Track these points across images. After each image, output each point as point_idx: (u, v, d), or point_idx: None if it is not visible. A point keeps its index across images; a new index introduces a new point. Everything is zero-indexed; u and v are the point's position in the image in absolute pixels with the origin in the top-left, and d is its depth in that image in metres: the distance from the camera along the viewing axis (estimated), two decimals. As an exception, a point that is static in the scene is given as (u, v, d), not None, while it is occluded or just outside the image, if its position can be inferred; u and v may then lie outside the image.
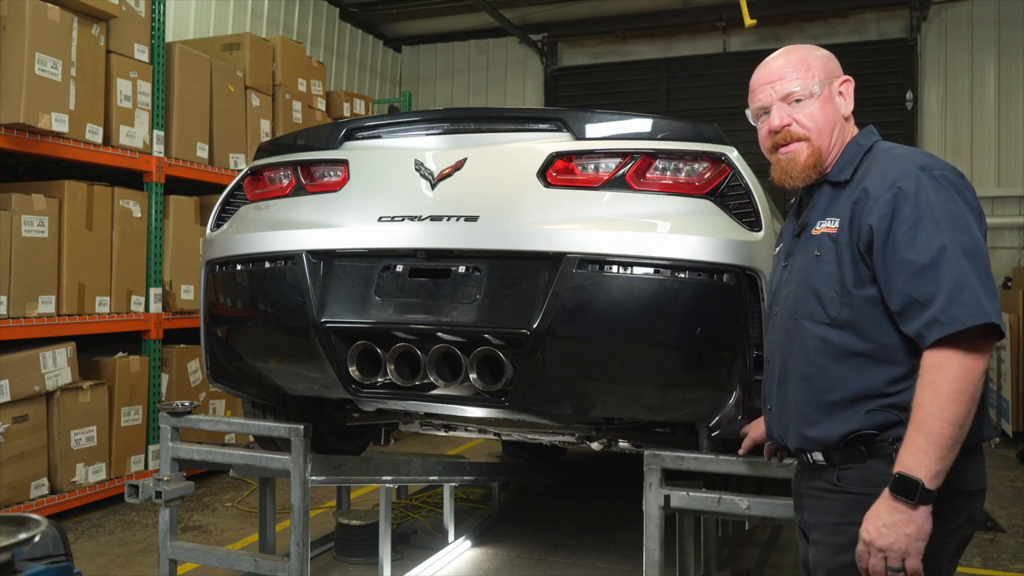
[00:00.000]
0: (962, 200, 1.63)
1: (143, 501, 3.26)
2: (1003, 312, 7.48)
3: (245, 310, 3.05)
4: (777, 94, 1.87)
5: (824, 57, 1.91)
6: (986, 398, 1.67)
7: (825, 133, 1.85)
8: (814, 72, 1.86)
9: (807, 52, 1.91)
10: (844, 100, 1.89)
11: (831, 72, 1.89)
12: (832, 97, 1.87)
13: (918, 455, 1.52)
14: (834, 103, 1.87)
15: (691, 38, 9.67)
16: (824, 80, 1.87)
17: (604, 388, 2.73)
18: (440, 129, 3.00)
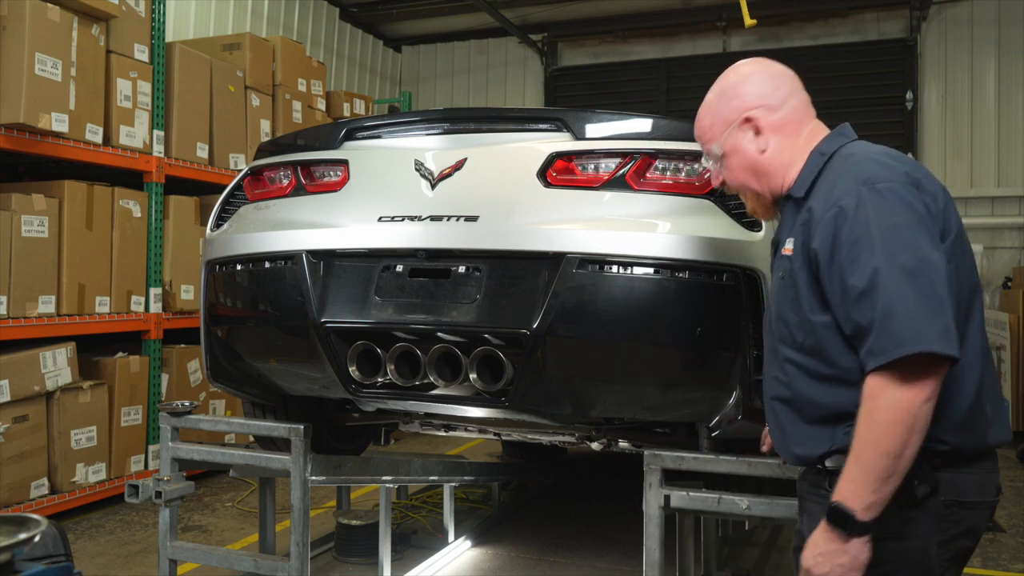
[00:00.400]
0: (908, 212, 1.53)
1: (143, 501, 3.26)
2: (1003, 312, 7.52)
3: (245, 310, 3.06)
4: (704, 154, 1.92)
5: (718, 104, 1.85)
6: (991, 400, 1.66)
7: (749, 180, 1.84)
8: (715, 130, 1.85)
9: (709, 106, 1.87)
10: (756, 135, 1.80)
11: (728, 119, 1.82)
12: (739, 143, 1.82)
13: (852, 485, 1.50)
14: (742, 149, 1.82)
15: (691, 38, 9.67)
16: (724, 136, 1.83)
17: (604, 388, 2.73)
18: (440, 129, 3.00)
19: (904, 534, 1.56)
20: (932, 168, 8.73)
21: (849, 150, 1.73)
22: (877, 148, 1.72)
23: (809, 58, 9.14)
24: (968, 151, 8.71)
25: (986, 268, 8.50)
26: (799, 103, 1.85)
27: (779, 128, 1.80)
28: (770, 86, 1.82)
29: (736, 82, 1.85)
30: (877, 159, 1.64)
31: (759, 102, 1.80)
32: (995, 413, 1.65)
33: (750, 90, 1.82)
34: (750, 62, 1.89)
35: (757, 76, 1.84)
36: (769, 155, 1.80)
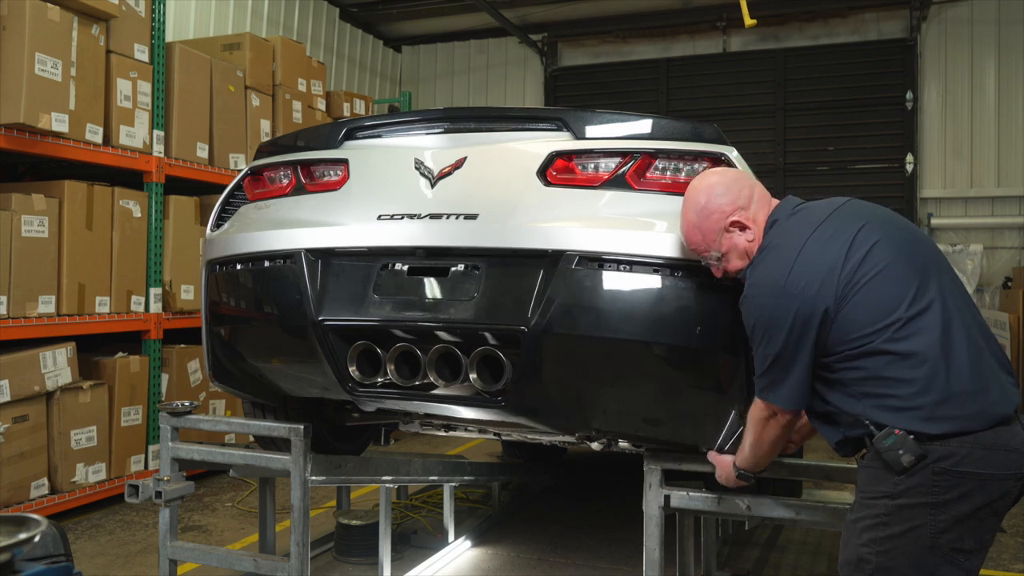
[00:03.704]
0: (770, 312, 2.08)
1: (143, 501, 3.26)
2: (1003, 312, 7.51)
3: (245, 309, 3.05)
4: (704, 260, 2.34)
5: (702, 220, 2.25)
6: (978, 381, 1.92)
7: (744, 263, 2.24)
8: (708, 241, 2.26)
9: (693, 224, 2.27)
10: (742, 231, 2.21)
11: (716, 228, 2.23)
12: (732, 241, 2.23)
13: (740, 454, 2.38)
14: (736, 246, 2.23)
15: (691, 38, 9.68)
16: (717, 240, 2.24)
17: (603, 388, 2.72)
18: (440, 128, 3.00)
19: (897, 493, 1.90)
20: (932, 168, 8.78)
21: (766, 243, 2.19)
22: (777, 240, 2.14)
23: (809, 58, 9.15)
24: (968, 151, 8.71)
25: (986, 268, 8.51)
26: (759, 193, 2.28)
27: (755, 220, 2.23)
28: (734, 189, 2.24)
29: (709, 197, 2.24)
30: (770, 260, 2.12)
31: (734, 206, 2.22)
32: (977, 396, 1.90)
33: (723, 199, 2.23)
34: (709, 173, 2.34)
35: (719, 186, 2.25)
36: (755, 243, 2.22)
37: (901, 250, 2.01)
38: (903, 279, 1.96)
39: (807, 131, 9.08)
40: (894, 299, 1.94)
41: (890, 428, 1.90)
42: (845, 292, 1.96)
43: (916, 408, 1.88)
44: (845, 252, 1.99)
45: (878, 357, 1.92)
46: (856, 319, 1.94)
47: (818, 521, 2.65)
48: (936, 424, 1.87)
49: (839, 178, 9.00)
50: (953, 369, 1.89)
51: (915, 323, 1.92)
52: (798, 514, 2.64)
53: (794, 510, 2.64)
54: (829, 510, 2.61)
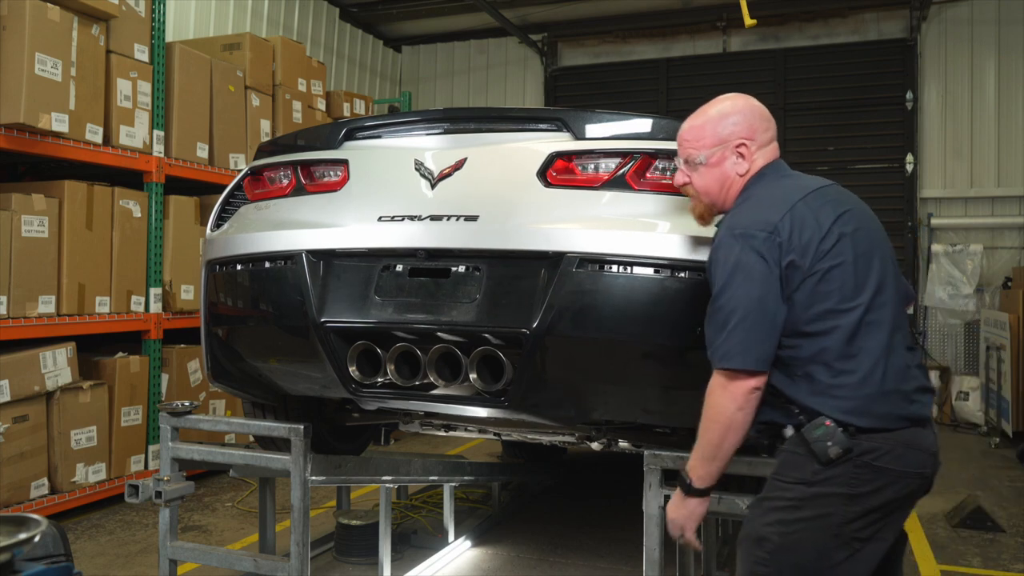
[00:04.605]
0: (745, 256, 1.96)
1: (143, 501, 3.26)
2: (1003, 312, 7.52)
3: (245, 310, 3.06)
4: (681, 156, 2.23)
5: (720, 123, 2.16)
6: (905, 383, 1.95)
7: (712, 193, 2.19)
8: (705, 141, 2.16)
9: (707, 119, 2.18)
10: (740, 159, 2.14)
11: (724, 138, 2.14)
12: (722, 161, 2.15)
13: (692, 460, 2.04)
14: (723, 167, 2.15)
15: (691, 38, 9.67)
16: (714, 148, 2.15)
17: (603, 389, 2.73)
18: (440, 129, 3.00)
19: (814, 482, 1.91)
20: (932, 168, 8.77)
21: (753, 191, 2.12)
22: (766, 192, 2.08)
23: (809, 58, 9.14)
24: (968, 151, 8.71)
25: (986, 268, 8.51)
26: (774, 147, 2.20)
27: (755, 160, 2.15)
28: (762, 125, 2.16)
29: (736, 110, 2.16)
30: (753, 205, 2.06)
31: (752, 135, 2.14)
32: (907, 397, 1.95)
33: (748, 122, 2.15)
34: (747, 97, 2.21)
35: (754, 111, 2.17)
36: (743, 179, 2.15)
37: (875, 245, 2.03)
38: (872, 272, 1.97)
39: (807, 131, 9.08)
40: (861, 288, 1.94)
41: (822, 418, 1.91)
42: (823, 262, 1.94)
43: (852, 400, 1.90)
44: (830, 224, 1.97)
45: (833, 337, 1.91)
46: (826, 293, 1.93)
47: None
48: (867, 418, 1.90)
49: (839, 178, 8.77)
50: (890, 369, 1.93)
51: (873, 315, 1.94)
52: (798, 514, 2.63)
53: (794, 510, 2.63)
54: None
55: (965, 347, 8.68)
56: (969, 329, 8.63)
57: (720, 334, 1.93)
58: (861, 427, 1.89)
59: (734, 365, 1.91)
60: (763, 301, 1.91)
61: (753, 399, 1.93)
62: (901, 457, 1.91)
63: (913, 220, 8.74)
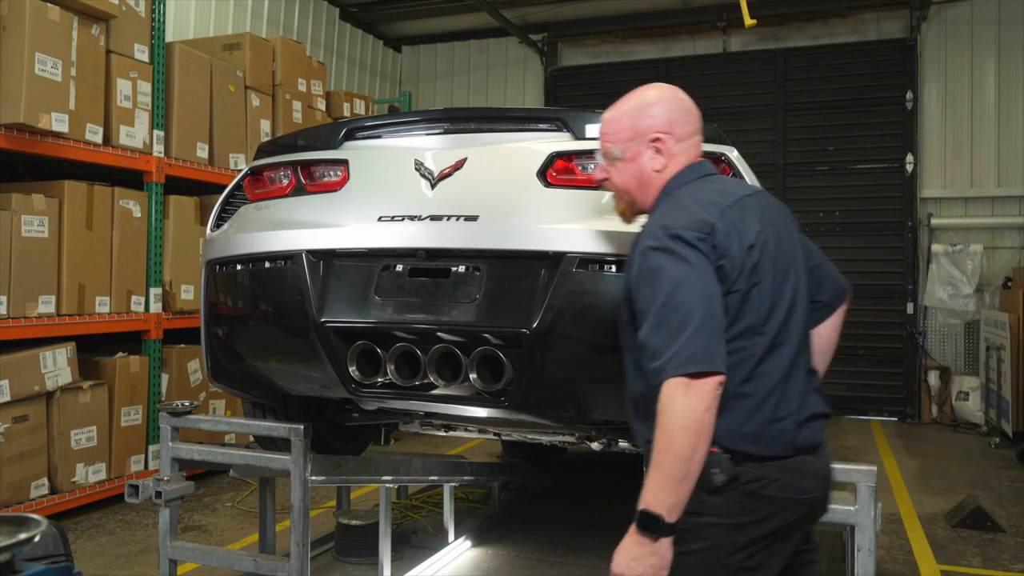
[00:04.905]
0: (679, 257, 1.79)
1: (143, 501, 3.26)
2: (1003, 312, 7.52)
3: (245, 310, 3.05)
4: (601, 150, 2.09)
5: (637, 115, 2.02)
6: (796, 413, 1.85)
7: (630, 190, 2.06)
8: (622, 134, 2.03)
9: (624, 110, 2.04)
10: (656, 155, 2.00)
11: (640, 132, 2.00)
12: (638, 156, 2.01)
13: (655, 490, 1.71)
14: (638, 162, 2.01)
15: (691, 38, 9.67)
16: (630, 142, 2.01)
17: (604, 389, 2.73)
18: (440, 129, 3.00)
19: (700, 511, 1.76)
20: (932, 168, 8.76)
21: (678, 193, 1.97)
22: (693, 194, 1.93)
23: (809, 58, 9.14)
24: (968, 151, 8.71)
25: (986, 268, 8.51)
26: (697, 141, 2.06)
27: (675, 156, 2.01)
28: (684, 118, 2.03)
29: (655, 102, 2.03)
30: (684, 206, 1.90)
31: (670, 128, 2.00)
32: (800, 424, 1.85)
33: (667, 115, 2.01)
34: (671, 89, 2.08)
35: (675, 104, 2.03)
36: (660, 176, 2.01)
37: (791, 262, 1.93)
38: (786, 292, 1.88)
39: (807, 131, 9.08)
40: (775, 309, 1.85)
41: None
42: (746, 280, 1.82)
43: (744, 425, 1.79)
44: (754, 238, 1.84)
45: (742, 358, 1.80)
46: (745, 312, 1.81)
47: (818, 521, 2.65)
48: (756, 445, 1.80)
49: (839, 178, 9.00)
50: (786, 396, 1.83)
51: (781, 338, 1.84)
52: (798, 514, 2.63)
53: (794, 510, 2.63)
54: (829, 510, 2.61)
55: (965, 347, 8.68)
56: (969, 329, 8.63)
57: (678, 337, 1.71)
58: (749, 454, 1.79)
59: (703, 368, 1.69)
60: (715, 299, 1.76)
61: (718, 395, 1.73)
62: (789, 485, 1.82)
63: (913, 220, 8.74)
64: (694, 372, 1.68)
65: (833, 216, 8.98)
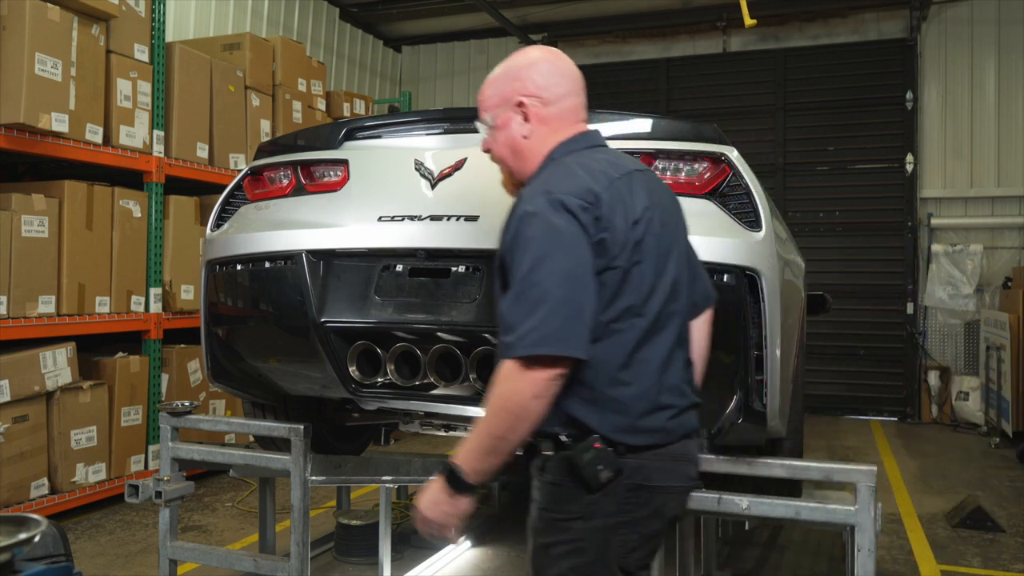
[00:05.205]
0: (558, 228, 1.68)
1: (143, 501, 3.26)
2: (1003, 312, 7.52)
3: (245, 310, 3.05)
4: (479, 119, 2.00)
5: (502, 80, 1.94)
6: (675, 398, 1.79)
7: (507, 158, 1.96)
8: (492, 100, 1.95)
9: (496, 76, 1.96)
10: (524, 121, 1.91)
11: (506, 96, 1.92)
12: (508, 123, 1.92)
13: (466, 452, 1.73)
14: (508, 129, 1.92)
15: (691, 38, 9.67)
16: (498, 108, 1.93)
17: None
18: (440, 129, 3.00)
19: (591, 514, 1.72)
20: (932, 168, 8.76)
21: (563, 160, 1.85)
22: (583, 161, 1.82)
23: (809, 58, 9.15)
24: (968, 151, 8.71)
25: (986, 268, 8.51)
26: (573, 104, 1.93)
27: (545, 121, 1.90)
28: (552, 80, 1.90)
29: (523, 65, 1.93)
30: (570, 172, 1.78)
31: (536, 92, 1.89)
32: (681, 411, 1.80)
33: (532, 77, 1.90)
34: (543, 50, 1.97)
35: (543, 66, 1.92)
36: (530, 142, 1.90)
37: (674, 245, 1.86)
38: (667, 275, 1.79)
39: (807, 131, 9.08)
40: (655, 291, 1.76)
41: (591, 438, 1.70)
42: (628, 256, 1.72)
43: (624, 416, 1.72)
44: (640, 213, 1.76)
45: (621, 341, 1.72)
46: (626, 291, 1.72)
47: (818, 521, 2.65)
48: (638, 436, 1.73)
49: (839, 178, 9.01)
50: (666, 382, 1.77)
51: (661, 323, 1.77)
52: (798, 514, 2.64)
53: (794, 510, 2.64)
54: (829, 510, 2.61)
55: (965, 347, 8.68)
56: (969, 329, 8.63)
57: (532, 315, 1.61)
58: (632, 446, 1.72)
59: (554, 351, 1.61)
60: (580, 281, 1.65)
61: (554, 387, 1.64)
62: (672, 472, 1.78)
63: (913, 220, 8.74)
64: (539, 355, 1.61)
65: (833, 216, 8.98)
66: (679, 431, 1.79)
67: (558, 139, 1.90)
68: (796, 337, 3.12)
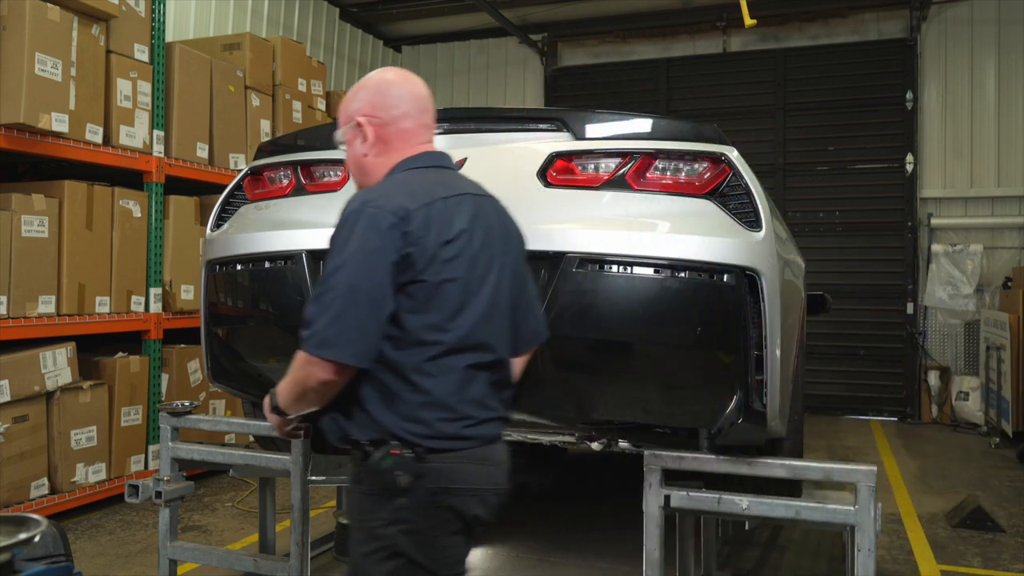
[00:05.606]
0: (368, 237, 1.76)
1: (143, 501, 3.26)
2: (1003, 312, 7.52)
3: (245, 310, 3.05)
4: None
5: (349, 100, 2.02)
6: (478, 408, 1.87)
7: (355, 174, 2.05)
8: (341, 120, 2.03)
9: (346, 97, 2.04)
10: (363, 139, 1.99)
11: (349, 115, 2.00)
12: (352, 140, 2.00)
13: (281, 388, 1.88)
14: (353, 146, 2.01)
15: (691, 38, 9.67)
16: (345, 127, 2.02)
17: (604, 389, 2.73)
18: (440, 129, 2.98)
19: (398, 519, 1.79)
20: (932, 168, 8.76)
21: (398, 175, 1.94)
22: (410, 178, 1.90)
23: (809, 58, 9.15)
24: (968, 151, 8.71)
25: (986, 268, 8.51)
26: (413, 125, 2.00)
27: (384, 140, 1.98)
28: (391, 102, 1.99)
29: (366, 86, 2.02)
30: (394, 185, 1.88)
31: (373, 112, 1.98)
32: (481, 420, 1.88)
33: (371, 99, 1.99)
34: (391, 71, 2.08)
35: (383, 88, 2.01)
36: (370, 160, 1.99)
37: (504, 277, 1.93)
38: (483, 299, 1.86)
39: (807, 131, 9.08)
40: (466, 311, 1.83)
41: (389, 444, 1.78)
42: (437, 273, 1.79)
43: (420, 422, 1.79)
44: (457, 233, 1.83)
45: (423, 353, 1.79)
46: (433, 306, 1.79)
47: (818, 521, 2.66)
48: (433, 440, 1.79)
49: (839, 178, 9.01)
50: (467, 395, 1.84)
51: (469, 342, 1.84)
52: (798, 514, 2.64)
53: (794, 510, 2.64)
54: (829, 510, 2.61)
55: (965, 347, 8.68)
56: (969, 329, 8.63)
57: (321, 317, 1.73)
58: (431, 448, 1.79)
59: (330, 356, 1.72)
60: (372, 292, 1.73)
61: (335, 383, 1.77)
62: (475, 474, 1.85)
63: (913, 220, 8.74)
64: (318, 355, 1.73)
65: (833, 216, 8.98)
66: (478, 439, 1.87)
67: (398, 158, 1.97)
68: (796, 337, 3.13)
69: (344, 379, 1.78)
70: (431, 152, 2.02)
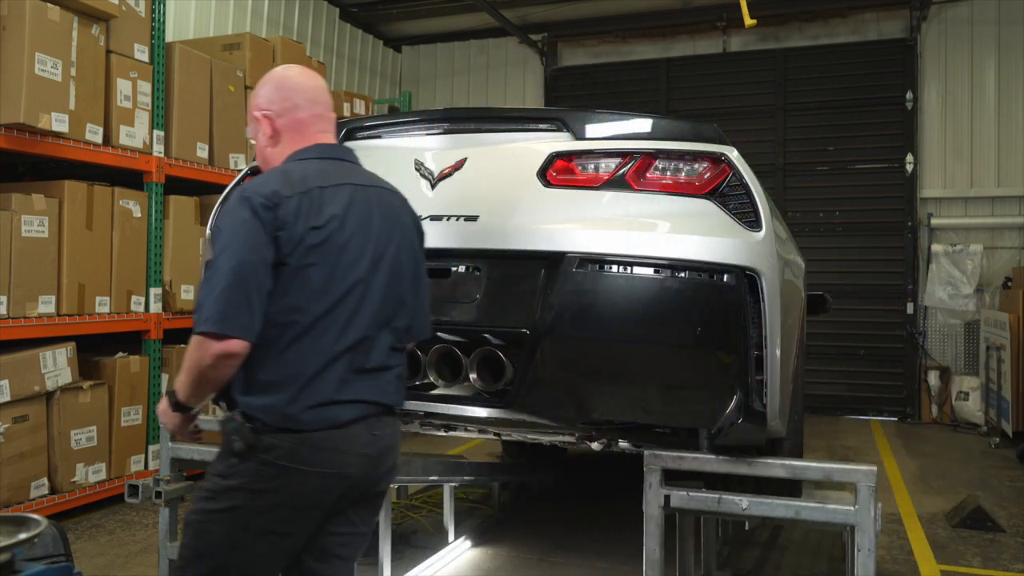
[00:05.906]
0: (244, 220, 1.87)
1: (143, 501, 3.26)
2: (1003, 312, 7.52)
3: (245, 310, 3.05)
4: None
5: (253, 95, 2.15)
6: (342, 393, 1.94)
7: (261, 165, 2.17)
8: (248, 115, 2.16)
9: (253, 92, 2.16)
10: (263, 132, 2.12)
11: (251, 111, 2.14)
12: (256, 134, 2.14)
13: (179, 382, 1.95)
14: (257, 139, 2.14)
15: (691, 38, 9.68)
16: (250, 123, 2.16)
17: (604, 389, 2.73)
18: (440, 129, 3.00)
19: (227, 474, 1.92)
20: (932, 168, 8.76)
21: (283, 166, 2.05)
22: (291, 168, 2.01)
23: (809, 58, 9.15)
24: (968, 151, 8.71)
25: (986, 268, 8.51)
26: (306, 117, 2.11)
27: (281, 132, 2.11)
28: (283, 95, 2.11)
29: (264, 82, 2.15)
30: (275, 174, 1.98)
31: (268, 106, 2.11)
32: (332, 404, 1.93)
33: (265, 93, 2.12)
34: (288, 68, 2.18)
35: (279, 82, 2.13)
36: (270, 151, 2.13)
37: (379, 268, 2.00)
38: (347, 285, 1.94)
39: (807, 131, 9.09)
40: (326, 295, 1.91)
41: (234, 412, 1.93)
42: (303, 257, 1.89)
43: (261, 397, 1.90)
44: (326, 220, 1.93)
45: (284, 332, 1.89)
46: (296, 289, 1.89)
47: (818, 521, 2.66)
48: (270, 417, 1.90)
49: (839, 178, 9.01)
50: (316, 381, 1.91)
51: (325, 325, 1.91)
52: (798, 514, 2.64)
53: (794, 510, 2.64)
54: (829, 510, 2.61)
55: (965, 347, 8.68)
56: (969, 329, 8.64)
57: (209, 297, 1.84)
58: (267, 423, 1.89)
59: (220, 330, 1.82)
60: (251, 268, 1.84)
61: (230, 360, 1.85)
62: (308, 457, 1.91)
63: (913, 220, 8.74)
64: (210, 332, 1.81)
65: (833, 216, 8.98)
66: (321, 422, 1.92)
67: (294, 148, 2.09)
68: (796, 337, 3.13)
69: (236, 356, 1.85)
70: (323, 144, 2.11)
